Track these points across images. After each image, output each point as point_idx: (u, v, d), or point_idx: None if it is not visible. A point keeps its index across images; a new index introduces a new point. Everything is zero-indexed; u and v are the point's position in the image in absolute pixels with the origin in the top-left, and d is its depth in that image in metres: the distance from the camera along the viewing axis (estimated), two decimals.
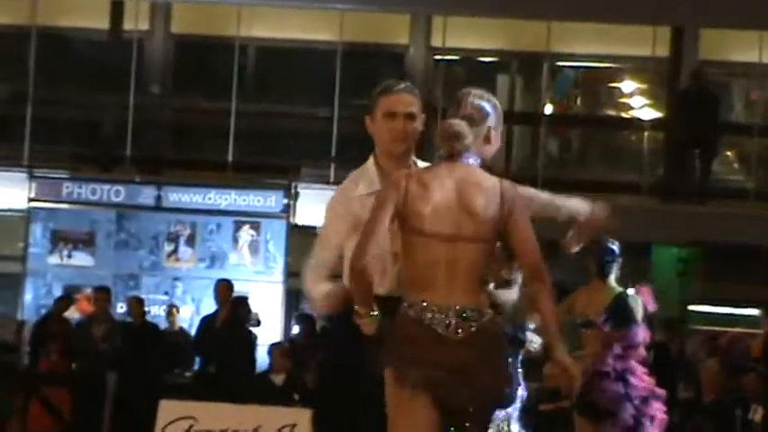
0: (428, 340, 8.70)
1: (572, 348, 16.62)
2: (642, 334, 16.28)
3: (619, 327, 16.09)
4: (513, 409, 15.88)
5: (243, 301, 26.40)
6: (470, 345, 8.71)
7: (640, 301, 16.48)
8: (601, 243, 16.61)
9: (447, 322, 8.70)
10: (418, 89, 9.59)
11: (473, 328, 8.70)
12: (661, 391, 16.42)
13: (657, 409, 16.30)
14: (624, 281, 16.70)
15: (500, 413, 15.79)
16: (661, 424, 16.29)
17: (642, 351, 16.48)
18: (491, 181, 8.91)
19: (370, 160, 9.59)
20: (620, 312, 16.12)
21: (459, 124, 8.93)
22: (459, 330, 8.70)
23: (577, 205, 9.93)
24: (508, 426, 16.01)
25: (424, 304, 8.71)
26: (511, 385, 9.29)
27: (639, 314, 16.34)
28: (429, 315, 8.70)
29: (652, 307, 16.78)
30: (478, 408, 8.83)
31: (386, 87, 9.73)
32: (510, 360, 10.10)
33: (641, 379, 16.25)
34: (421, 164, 9.63)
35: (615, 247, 16.63)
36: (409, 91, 9.76)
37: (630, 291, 16.58)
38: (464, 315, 8.71)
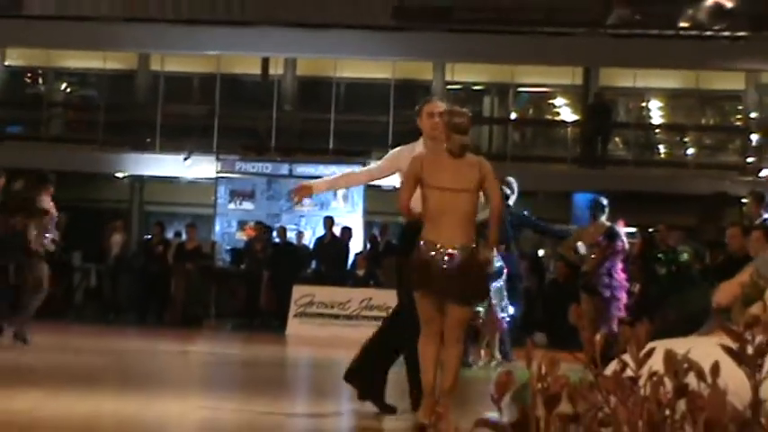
0: (432, 267, 8.71)
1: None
2: (621, 245, 16.47)
3: (609, 242, 16.29)
4: (501, 283, 15.93)
5: (348, 229, 26.55)
6: (458, 270, 8.69)
7: (621, 229, 16.67)
8: (598, 201, 16.97)
9: (445, 257, 8.68)
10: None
11: (460, 260, 8.67)
12: (626, 284, 16.61)
13: (623, 295, 16.47)
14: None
15: (494, 286, 15.83)
16: (621, 303, 16.42)
17: (621, 257, 16.68)
18: (474, 159, 8.95)
19: (420, 140, 9.74)
20: (611, 235, 16.33)
21: (467, 139, 8.96)
22: (450, 260, 8.67)
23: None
24: (501, 295, 16.03)
25: (434, 243, 8.71)
26: (484, 288, 9.36)
27: (623, 236, 16.54)
28: (433, 252, 8.70)
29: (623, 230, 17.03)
30: (465, 296, 8.89)
31: (427, 99, 10.22)
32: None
33: (619, 275, 16.38)
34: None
35: (605, 201, 16.87)
36: (440, 100, 10.34)
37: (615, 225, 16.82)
38: (458, 250, 8.68)
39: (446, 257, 8.69)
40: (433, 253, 8.70)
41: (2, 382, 11.59)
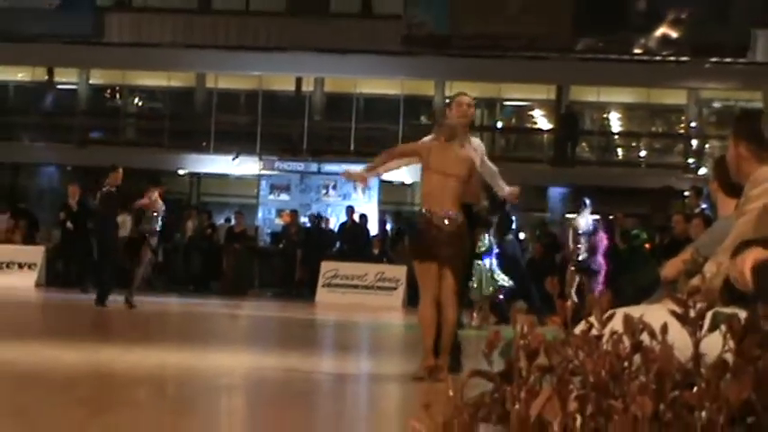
0: (431, 229, 8.63)
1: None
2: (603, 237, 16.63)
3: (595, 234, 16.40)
4: (492, 262, 15.59)
5: (366, 216, 26.52)
6: (451, 232, 8.62)
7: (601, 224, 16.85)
8: (583, 199, 16.99)
9: (442, 218, 8.61)
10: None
11: (453, 224, 8.60)
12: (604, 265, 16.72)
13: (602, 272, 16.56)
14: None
15: (485, 264, 15.42)
16: (601, 277, 16.51)
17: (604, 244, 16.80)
18: (466, 156, 8.88)
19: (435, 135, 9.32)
20: (594, 228, 16.41)
21: (456, 128, 8.87)
22: (447, 222, 8.60)
23: (503, 185, 9.84)
24: (491, 272, 15.69)
25: (432, 210, 8.66)
26: (467, 248, 9.09)
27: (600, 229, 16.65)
28: (434, 217, 8.64)
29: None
30: (456, 260, 8.72)
31: (458, 93, 9.72)
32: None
33: (601, 257, 16.40)
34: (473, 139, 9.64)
35: (588, 201, 16.90)
36: (465, 94, 9.62)
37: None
38: (450, 216, 8.62)
39: (443, 217, 8.64)
40: (433, 215, 8.66)
41: (88, 339, 11.63)
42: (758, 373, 2.30)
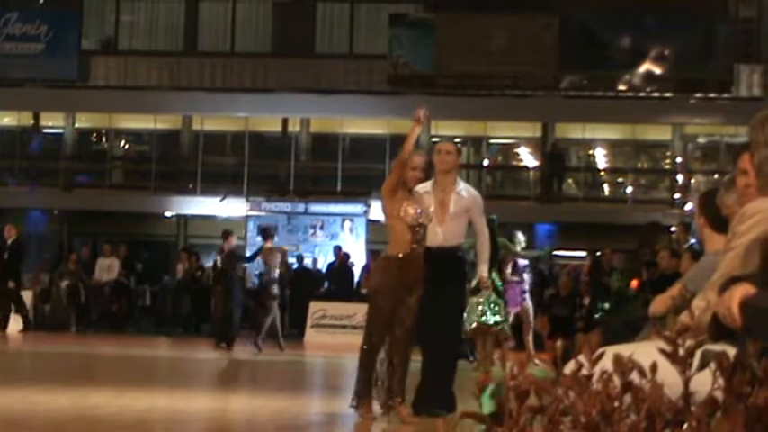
0: (385, 270, 8.85)
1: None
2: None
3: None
4: (486, 296, 15.18)
5: (347, 255, 26.45)
6: (404, 264, 8.77)
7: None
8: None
9: (394, 256, 8.82)
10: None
11: (407, 256, 8.74)
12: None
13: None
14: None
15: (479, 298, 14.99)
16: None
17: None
18: (416, 193, 8.91)
19: (429, 182, 9.22)
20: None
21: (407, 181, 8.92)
22: (400, 256, 8.75)
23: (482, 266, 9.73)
24: (479, 308, 15.29)
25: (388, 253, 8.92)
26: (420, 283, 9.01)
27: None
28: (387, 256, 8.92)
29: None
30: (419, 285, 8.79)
31: (440, 141, 9.84)
32: None
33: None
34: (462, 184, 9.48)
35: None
36: (450, 141, 9.70)
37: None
38: (405, 252, 8.76)
39: (394, 255, 8.82)
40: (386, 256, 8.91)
41: (75, 383, 11.56)
42: (748, 410, 2.29)
